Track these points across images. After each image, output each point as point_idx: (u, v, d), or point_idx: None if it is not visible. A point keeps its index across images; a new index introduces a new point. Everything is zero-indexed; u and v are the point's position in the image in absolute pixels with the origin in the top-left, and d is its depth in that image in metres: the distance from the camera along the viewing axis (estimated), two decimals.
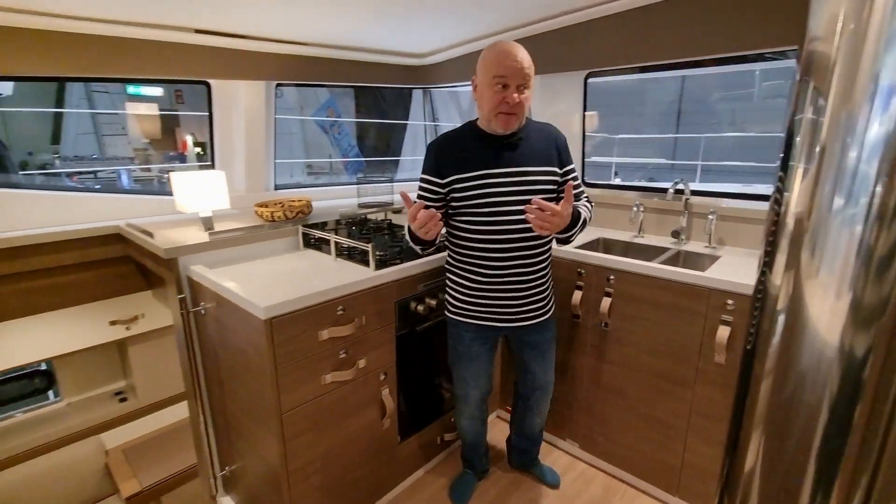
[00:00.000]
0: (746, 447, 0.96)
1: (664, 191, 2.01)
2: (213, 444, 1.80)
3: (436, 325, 1.78)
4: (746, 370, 0.96)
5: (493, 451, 1.99)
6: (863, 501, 0.77)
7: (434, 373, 1.87)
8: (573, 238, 1.45)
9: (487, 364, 1.59)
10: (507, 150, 1.39)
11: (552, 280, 1.57)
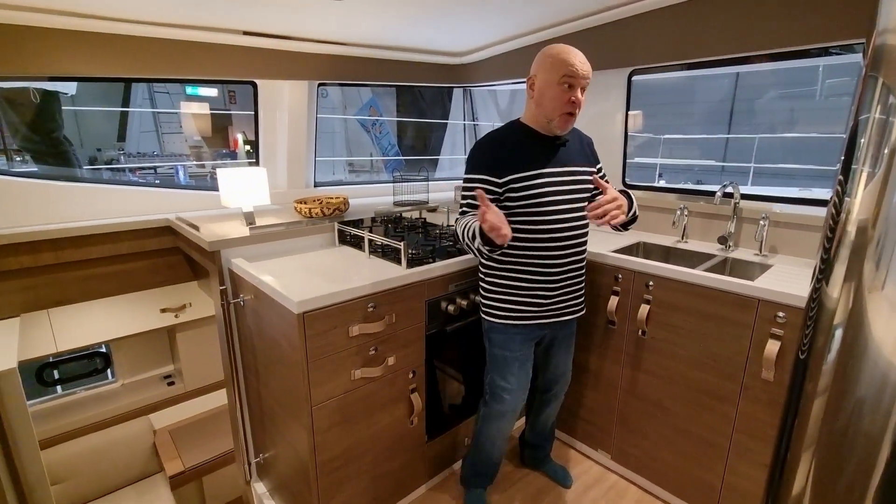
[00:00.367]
0: (794, 471, 0.89)
1: (711, 194, 1.90)
2: (249, 432, 1.87)
3: (466, 326, 1.76)
4: (797, 388, 0.90)
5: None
6: None
7: (463, 374, 1.86)
8: (636, 217, 1.51)
9: (532, 365, 1.58)
10: (559, 150, 1.43)
11: None
